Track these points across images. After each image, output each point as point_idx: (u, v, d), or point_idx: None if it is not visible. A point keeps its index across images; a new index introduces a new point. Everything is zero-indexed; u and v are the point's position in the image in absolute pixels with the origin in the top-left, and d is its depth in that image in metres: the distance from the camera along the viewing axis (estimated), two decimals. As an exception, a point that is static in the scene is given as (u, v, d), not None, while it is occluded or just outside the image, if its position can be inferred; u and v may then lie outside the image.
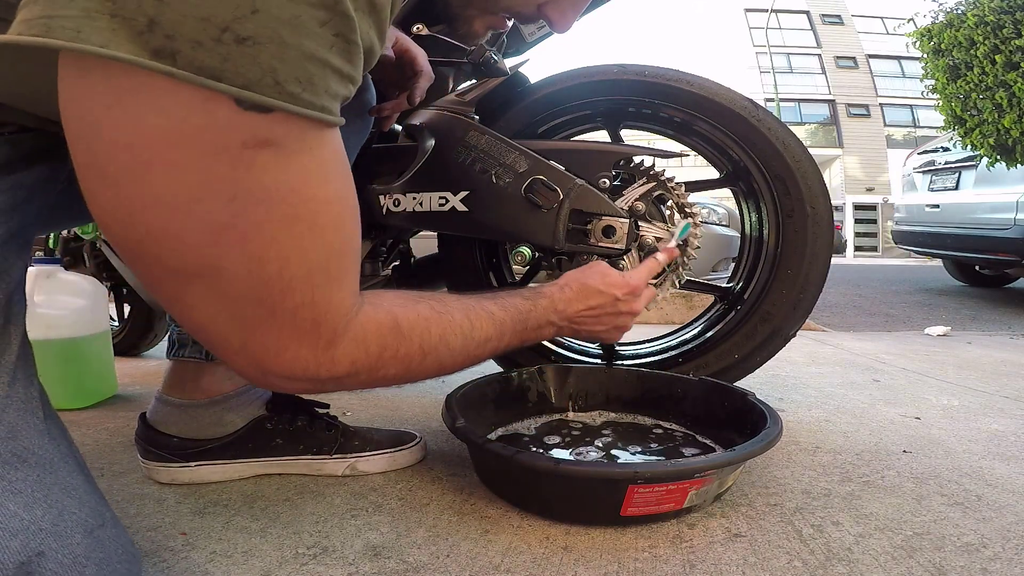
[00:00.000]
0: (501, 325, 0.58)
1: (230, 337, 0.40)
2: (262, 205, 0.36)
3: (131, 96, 0.31)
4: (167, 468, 0.68)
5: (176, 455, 0.69)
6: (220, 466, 0.69)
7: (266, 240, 0.37)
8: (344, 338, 0.43)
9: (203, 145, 0.33)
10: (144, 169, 0.33)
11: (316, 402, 0.77)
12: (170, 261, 0.36)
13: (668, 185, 0.87)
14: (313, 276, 0.39)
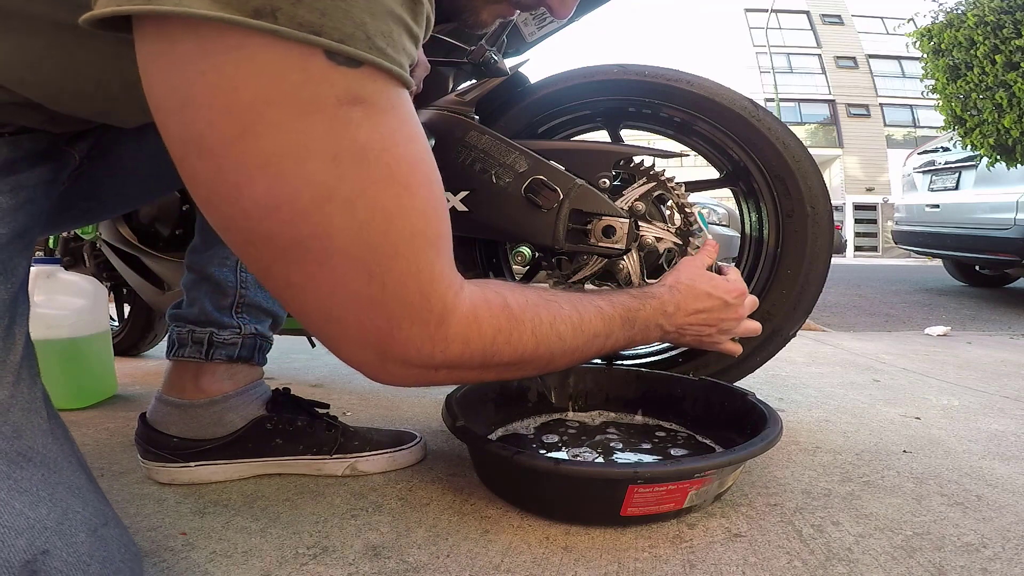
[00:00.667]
0: (610, 322, 0.56)
1: (345, 317, 0.39)
2: (361, 165, 0.35)
3: (226, 58, 0.31)
4: (167, 468, 0.68)
5: (176, 455, 0.68)
6: (220, 466, 0.69)
7: (369, 201, 0.36)
8: (455, 315, 0.42)
9: (301, 103, 0.33)
10: (244, 133, 0.33)
11: (316, 402, 0.77)
12: (280, 235, 0.36)
13: (668, 185, 0.87)
14: (416, 239, 0.39)
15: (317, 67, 0.32)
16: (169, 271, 1.19)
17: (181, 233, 1.19)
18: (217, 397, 0.70)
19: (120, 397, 1.12)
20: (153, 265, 1.21)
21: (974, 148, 3.81)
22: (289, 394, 0.77)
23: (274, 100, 0.32)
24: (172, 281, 1.20)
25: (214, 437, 0.69)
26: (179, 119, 0.34)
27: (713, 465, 0.56)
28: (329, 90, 0.33)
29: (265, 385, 0.76)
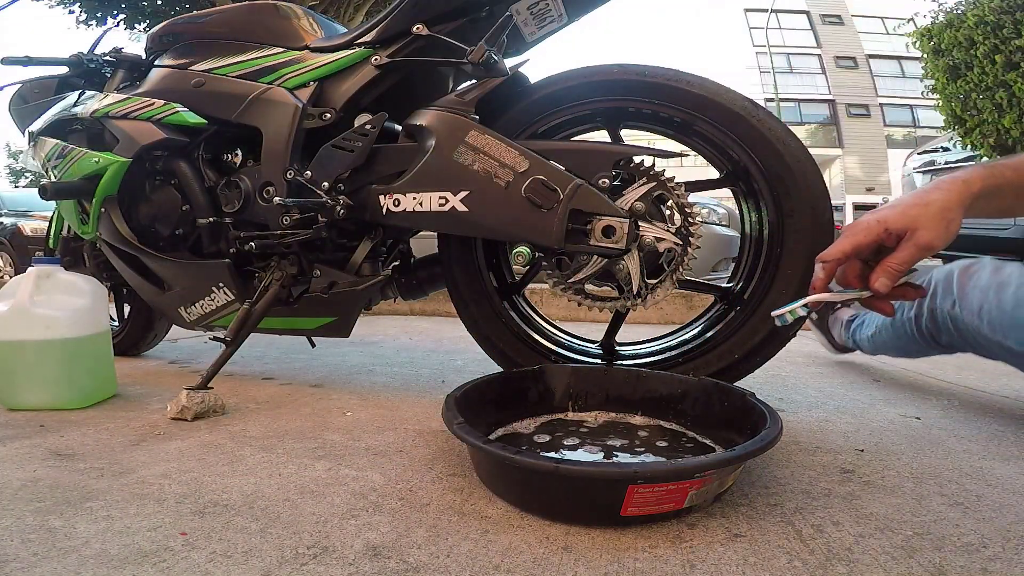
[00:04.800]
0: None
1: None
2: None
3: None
4: None
5: None
6: None
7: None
8: None
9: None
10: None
11: None
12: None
13: (668, 185, 0.87)
14: None
15: None
16: (169, 271, 1.19)
17: (181, 233, 1.19)
18: None
19: (120, 397, 1.12)
20: (153, 265, 1.21)
21: (974, 148, 3.81)
22: None
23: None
24: (172, 281, 1.20)
25: None
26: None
27: (713, 465, 0.56)
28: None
29: None
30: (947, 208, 0.62)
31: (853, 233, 0.65)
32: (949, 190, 0.64)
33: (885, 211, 0.65)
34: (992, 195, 0.66)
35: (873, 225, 0.64)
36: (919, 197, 0.64)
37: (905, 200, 0.65)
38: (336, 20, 3.31)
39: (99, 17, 7.28)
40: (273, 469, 0.73)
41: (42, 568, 0.50)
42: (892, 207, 0.65)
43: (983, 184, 0.64)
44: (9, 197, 6.51)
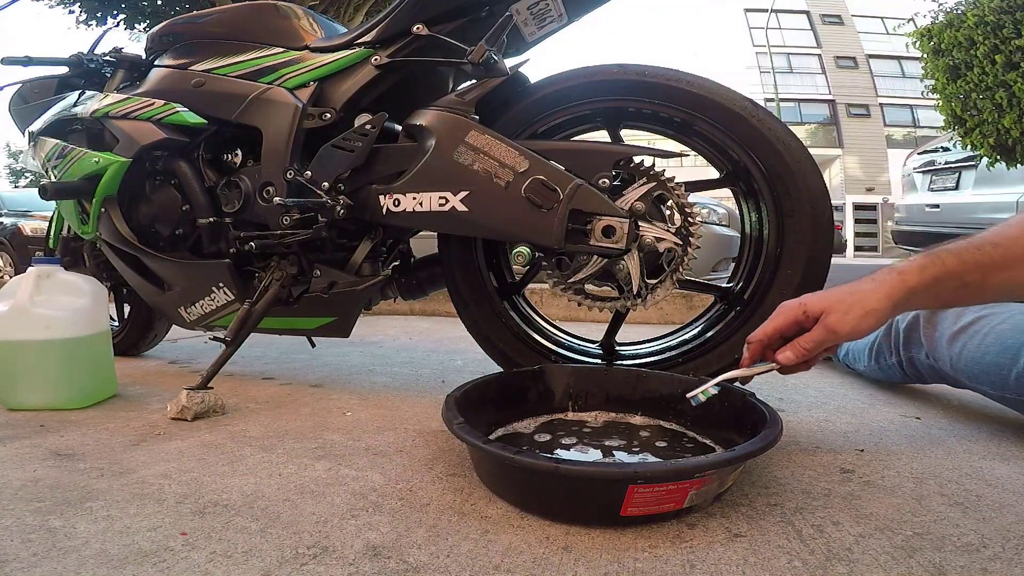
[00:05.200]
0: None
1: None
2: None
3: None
4: None
5: None
6: None
7: None
8: None
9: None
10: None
11: None
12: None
13: (668, 185, 0.87)
14: None
15: None
16: (169, 271, 1.19)
17: (181, 233, 1.19)
18: None
19: (120, 397, 1.12)
20: (153, 265, 1.21)
21: (974, 148, 3.81)
22: None
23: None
24: (172, 281, 1.20)
25: None
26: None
27: (713, 465, 0.56)
28: None
29: None
30: (867, 301, 0.64)
31: (777, 316, 0.68)
32: (881, 282, 0.65)
33: (806, 296, 0.68)
34: (930, 287, 0.65)
35: (795, 307, 0.67)
36: (851, 285, 0.67)
37: (836, 288, 0.68)
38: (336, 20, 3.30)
39: (99, 17, 7.28)
40: (273, 469, 0.73)
41: (42, 568, 0.50)
42: (817, 293, 0.68)
43: (920, 278, 0.64)
44: (9, 197, 6.51)
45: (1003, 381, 0.84)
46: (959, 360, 0.91)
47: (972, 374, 0.90)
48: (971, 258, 0.63)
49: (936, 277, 0.64)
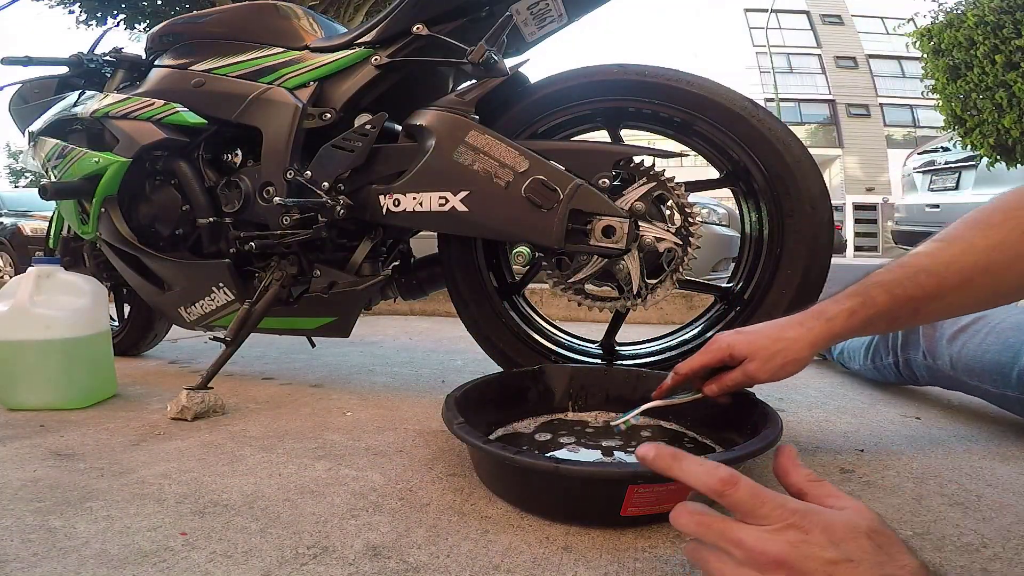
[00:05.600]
0: None
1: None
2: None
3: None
4: None
5: None
6: None
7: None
8: None
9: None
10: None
11: None
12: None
13: (668, 185, 0.87)
14: None
15: None
16: (169, 271, 1.19)
17: (181, 233, 1.19)
18: None
19: (120, 397, 1.12)
20: (153, 265, 1.21)
21: (974, 148, 3.81)
22: None
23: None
24: (172, 281, 1.20)
25: None
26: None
27: (713, 465, 0.56)
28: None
29: None
30: (789, 351, 0.64)
31: (705, 352, 0.68)
32: (808, 330, 0.64)
33: (737, 336, 0.67)
34: (858, 329, 0.64)
35: (722, 348, 0.67)
36: (780, 327, 0.66)
37: (765, 328, 0.67)
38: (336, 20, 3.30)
39: (99, 17, 7.28)
40: (273, 469, 0.73)
41: (42, 568, 0.50)
42: (748, 333, 0.67)
43: (846, 324, 0.63)
44: (9, 197, 6.51)
45: (1005, 379, 0.84)
46: (960, 359, 0.91)
47: (973, 371, 0.89)
48: (903, 293, 0.61)
49: (865, 320, 0.63)
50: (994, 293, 0.61)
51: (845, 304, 0.64)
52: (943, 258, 0.60)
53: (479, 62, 0.90)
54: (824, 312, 0.64)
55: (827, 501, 0.41)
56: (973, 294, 0.61)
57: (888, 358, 1.09)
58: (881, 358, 1.12)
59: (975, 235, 0.59)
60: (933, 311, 0.63)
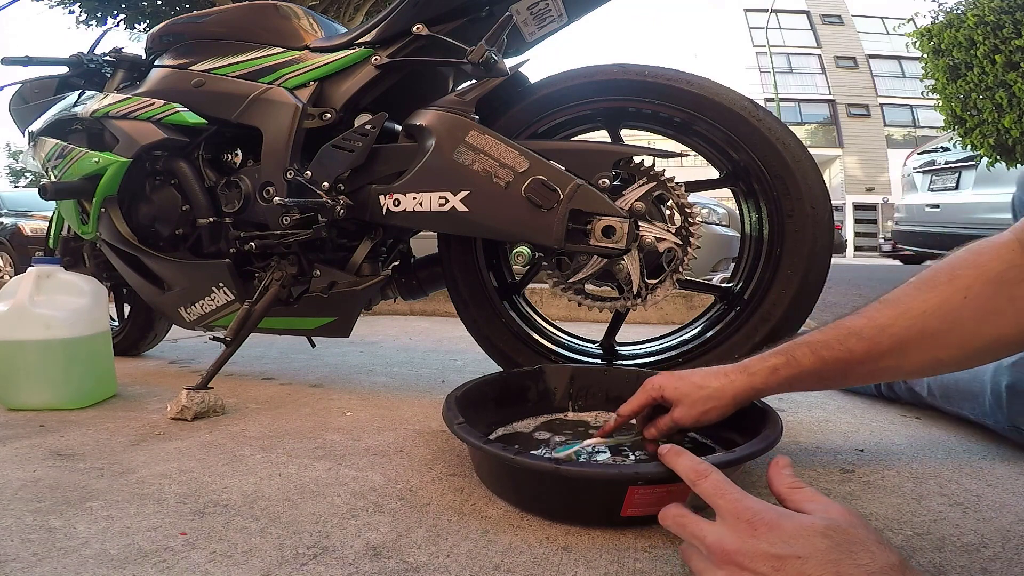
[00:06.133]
0: None
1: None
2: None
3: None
4: None
5: None
6: None
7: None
8: None
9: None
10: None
11: None
12: None
13: (668, 185, 0.87)
14: None
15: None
16: (169, 271, 1.19)
17: (181, 233, 1.19)
18: None
19: (120, 397, 1.12)
20: (153, 265, 1.21)
21: (974, 148, 3.81)
22: None
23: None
24: (172, 281, 1.20)
25: None
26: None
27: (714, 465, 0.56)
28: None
29: None
30: (711, 400, 0.65)
31: (640, 393, 0.70)
32: (731, 382, 0.65)
33: (668, 380, 0.68)
34: (783, 386, 0.64)
35: (655, 389, 0.68)
36: (704, 377, 0.67)
37: (694, 375, 0.68)
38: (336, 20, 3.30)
39: (99, 17, 7.28)
40: (273, 469, 0.73)
41: (42, 568, 0.50)
42: (677, 379, 0.68)
43: (767, 381, 0.63)
44: (9, 197, 6.51)
45: (980, 408, 0.84)
46: (936, 386, 0.92)
47: (950, 399, 0.90)
48: (831, 356, 0.60)
49: (788, 379, 0.63)
50: (933, 360, 0.57)
51: (769, 361, 0.64)
52: (878, 321, 0.57)
53: (479, 62, 0.90)
54: (748, 367, 0.65)
55: (805, 506, 0.42)
56: (909, 360, 0.57)
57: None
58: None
59: (914, 297, 0.56)
60: (865, 374, 0.61)
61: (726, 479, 0.45)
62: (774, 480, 0.47)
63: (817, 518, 0.40)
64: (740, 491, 0.43)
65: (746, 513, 0.41)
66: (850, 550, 0.37)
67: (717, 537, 0.41)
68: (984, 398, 0.82)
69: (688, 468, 0.49)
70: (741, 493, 0.43)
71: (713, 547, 0.41)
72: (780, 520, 0.40)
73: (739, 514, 0.41)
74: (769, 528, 0.39)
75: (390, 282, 1.12)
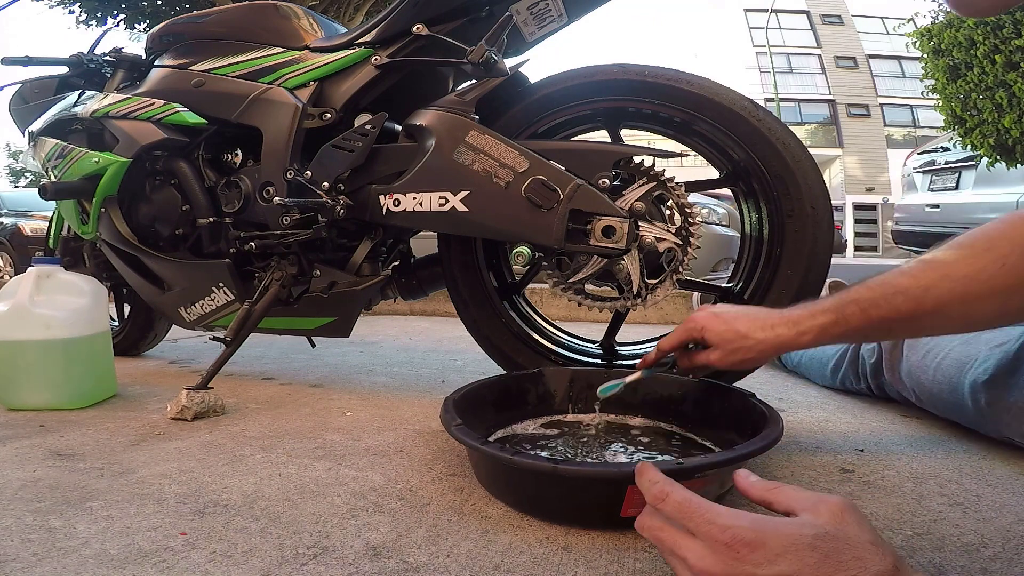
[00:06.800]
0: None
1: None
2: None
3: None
4: None
5: None
6: None
7: None
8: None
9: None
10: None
11: None
12: None
13: (668, 185, 0.87)
14: None
15: None
16: (169, 271, 1.19)
17: (181, 233, 1.19)
18: None
19: (120, 397, 1.12)
20: (153, 265, 1.21)
21: (974, 148, 3.81)
22: None
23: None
24: (172, 281, 1.20)
25: None
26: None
27: (713, 465, 0.56)
28: None
29: None
30: (752, 350, 0.67)
31: (682, 329, 0.73)
32: (776, 335, 0.66)
33: (711, 321, 0.70)
34: (826, 342, 0.65)
35: (697, 329, 0.71)
36: (749, 325, 0.68)
37: (739, 320, 0.69)
38: (336, 20, 3.30)
39: (99, 17, 7.28)
40: (273, 469, 0.73)
41: (42, 568, 0.50)
42: (721, 321, 0.69)
43: (815, 338, 0.65)
44: (9, 197, 6.51)
45: (967, 417, 0.84)
46: (923, 393, 0.92)
47: (939, 408, 0.91)
48: (878, 314, 0.61)
49: (836, 336, 0.64)
50: (967, 322, 0.61)
51: (819, 320, 0.64)
52: (923, 281, 0.59)
53: (479, 62, 0.90)
54: (798, 323, 0.65)
55: (793, 505, 0.41)
56: (946, 321, 0.61)
57: (859, 383, 1.09)
58: (851, 383, 1.12)
59: (956, 261, 0.59)
60: (905, 332, 0.65)
61: (689, 497, 0.42)
62: (749, 491, 0.45)
63: (805, 527, 0.37)
64: (709, 507, 0.40)
65: (723, 535, 0.38)
66: (841, 559, 0.36)
67: (701, 561, 0.38)
68: (967, 410, 0.82)
69: (647, 492, 0.45)
70: (711, 510, 0.40)
71: (697, 570, 0.38)
72: (762, 536, 0.37)
73: (714, 536, 0.38)
74: (751, 548, 0.37)
75: (390, 282, 1.12)
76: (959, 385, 0.82)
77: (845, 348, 1.13)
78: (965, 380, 0.81)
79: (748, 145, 0.90)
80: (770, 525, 0.38)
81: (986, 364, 0.78)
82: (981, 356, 0.80)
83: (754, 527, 0.38)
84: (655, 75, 0.92)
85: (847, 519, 0.38)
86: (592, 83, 0.95)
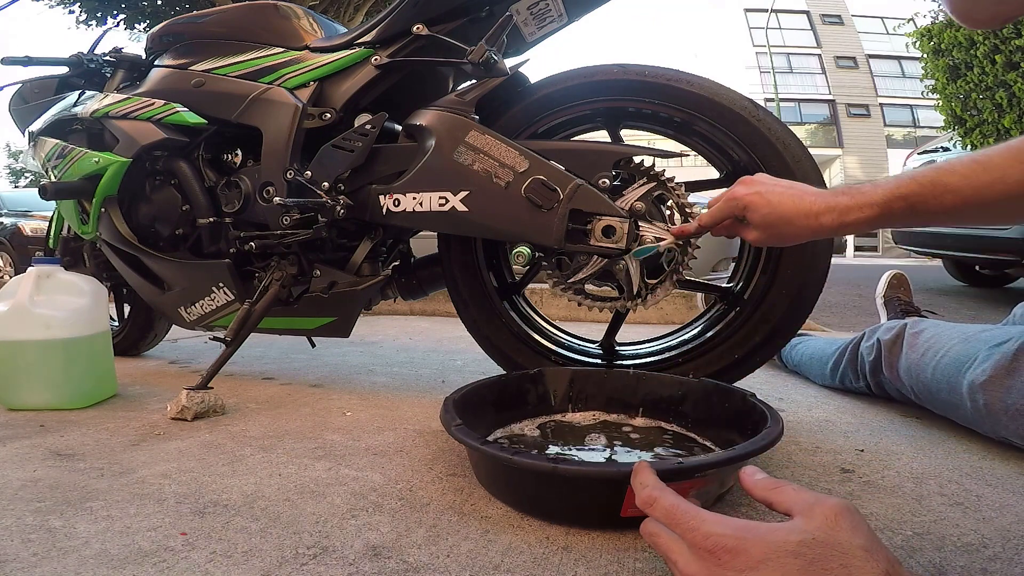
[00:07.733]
0: None
1: None
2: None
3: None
4: None
5: None
6: None
7: None
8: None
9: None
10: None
11: None
12: None
13: (668, 185, 0.87)
14: None
15: None
16: (169, 271, 1.19)
17: (181, 233, 1.19)
18: None
19: (120, 397, 1.12)
20: (153, 265, 1.21)
21: (974, 148, 3.81)
22: None
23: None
24: (172, 281, 1.20)
25: None
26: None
27: (713, 464, 0.56)
28: None
29: None
30: (788, 236, 0.68)
31: (725, 206, 0.72)
32: (821, 225, 0.65)
33: (756, 200, 0.69)
34: (870, 228, 0.65)
35: (739, 208, 0.70)
36: (793, 212, 0.66)
37: (784, 204, 0.67)
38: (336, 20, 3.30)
39: (99, 17, 7.29)
40: (273, 469, 0.73)
41: (42, 568, 0.50)
42: (768, 204, 0.68)
43: (857, 228, 0.65)
44: (9, 197, 6.51)
45: (965, 417, 0.84)
46: (922, 392, 0.92)
47: (937, 406, 0.91)
48: (925, 209, 0.61)
49: (876, 225, 0.65)
50: (1011, 219, 0.64)
51: (865, 213, 0.64)
52: (975, 183, 0.59)
53: (479, 62, 0.90)
54: (844, 215, 0.64)
55: (792, 506, 0.41)
56: (989, 217, 0.62)
57: (858, 382, 1.09)
58: (851, 381, 1.11)
59: (1010, 165, 0.58)
60: (945, 222, 0.64)
61: (676, 503, 0.43)
62: (752, 489, 0.45)
63: (792, 532, 0.37)
64: (695, 513, 0.41)
65: (705, 542, 0.39)
66: (825, 567, 0.35)
67: (686, 564, 0.39)
68: (965, 410, 0.82)
69: (637, 495, 0.46)
70: (696, 517, 0.40)
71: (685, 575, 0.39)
72: (744, 544, 0.37)
73: (698, 543, 0.39)
74: (733, 555, 0.37)
75: (390, 282, 1.12)
76: (957, 385, 0.82)
77: (844, 347, 1.13)
78: (963, 380, 0.81)
79: (748, 145, 0.90)
80: (753, 532, 0.38)
81: (984, 365, 0.78)
82: (980, 356, 0.80)
83: (736, 534, 0.38)
84: (655, 75, 0.92)
85: (841, 524, 0.38)
86: (592, 83, 0.95)
